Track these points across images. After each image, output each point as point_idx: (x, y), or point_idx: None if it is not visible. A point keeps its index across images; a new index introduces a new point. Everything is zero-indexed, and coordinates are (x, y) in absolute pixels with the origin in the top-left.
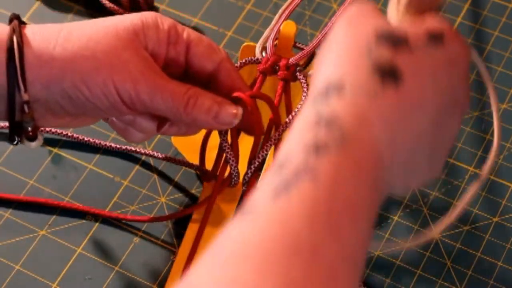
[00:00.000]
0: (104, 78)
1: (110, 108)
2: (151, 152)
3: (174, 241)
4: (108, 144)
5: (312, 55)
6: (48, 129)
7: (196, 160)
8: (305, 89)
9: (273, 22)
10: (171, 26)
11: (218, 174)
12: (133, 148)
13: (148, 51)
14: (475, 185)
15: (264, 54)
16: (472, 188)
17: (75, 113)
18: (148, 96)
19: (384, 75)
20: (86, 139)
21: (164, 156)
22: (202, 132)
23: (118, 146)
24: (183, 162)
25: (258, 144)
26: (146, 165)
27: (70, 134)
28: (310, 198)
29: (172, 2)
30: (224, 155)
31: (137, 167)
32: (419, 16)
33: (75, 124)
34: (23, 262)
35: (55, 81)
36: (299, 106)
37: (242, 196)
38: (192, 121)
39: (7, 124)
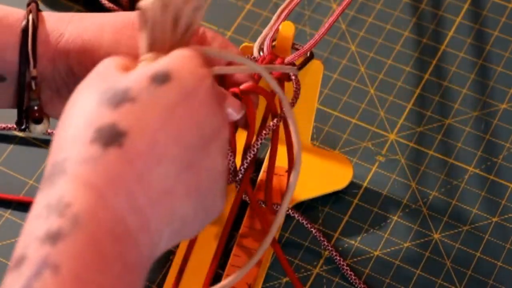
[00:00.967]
0: (106, 52)
1: None
2: None
3: None
4: None
5: (311, 56)
6: (49, 130)
7: None
8: (296, 89)
9: (271, 22)
10: None
11: None
12: None
13: None
14: (293, 175)
15: (261, 54)
16: (292, 177)
17: None
18: None
19: (105, 139)
20: None
21: None
22: None
23: None
24: None
25: (251, 139)
26: None
27: None
28: None
29: None
30: None
31: None
32: (166, 52)
33: None
34: None
35: (61, 56)
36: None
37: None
38: None
39: (7, 125)
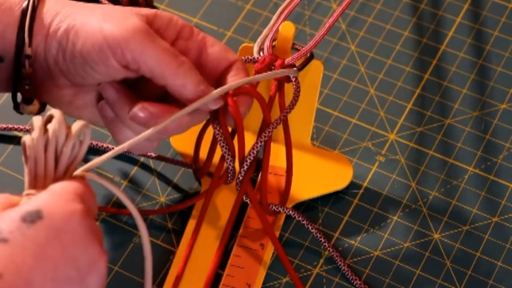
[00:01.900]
0: (93, 27)
1: (97, 63)
2: (149, 154)
3: (174, 241)
4: (105, 145)
5: (311, 56)
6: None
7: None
8: (296, 91)
9: (271, 22)
10: (186, 24)
11: (216, 168)
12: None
13: (153, 29)
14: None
15: (261, 54)
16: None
17: (67, 71)
18: (140, 46)
19: None
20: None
21: (158, 155)
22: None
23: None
24: (181, 163)
25: (243, 142)
26: (145, 165)
27: None
28: None
29: (171, 2)
30: (220, 149)
31: (136, 167)
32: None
33: (74, 105)
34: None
35: (53, 33)
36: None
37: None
38: (180, 86)
39: (7, 126)
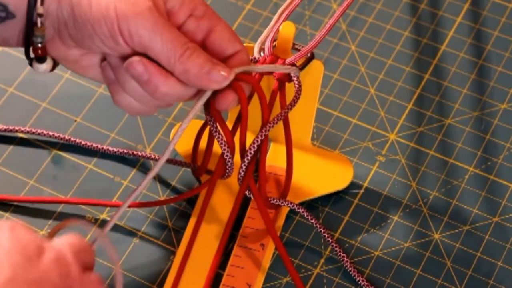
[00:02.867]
0: (107, 3)
1: (107, 37)
2: (149, 154)
3: (174, 241)
4: (105, 148)
5: (312, 56)
6: (48, 131)
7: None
8: (296, 89)
9: (272, 22)
10: (203, 3)
11: (218, 161)
12: (131, 151)
13: (165, 8)
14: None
15: (262, 54)
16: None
17: (76, 37)
18: (149, 33)
19: None
20: (83, 143)
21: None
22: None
23: (116, 150)
24: (181, 163)
25: (245, 134)
26: (145, 165)
27: (68, 138)
28: None
29: None
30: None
31: (137, 167)
32: None
33: (80, 65)
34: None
35: None
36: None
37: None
38: (184, 71)
39: (8, 127)
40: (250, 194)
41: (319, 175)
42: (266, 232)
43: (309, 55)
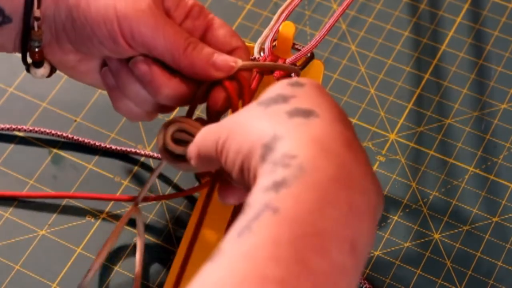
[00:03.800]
0: (107, 3)
1: (107, 38)
2: (150, 153)
3: (174, 241)
4: (108, 146)
5: (311, 56)
6: (48, 130)
7: None
8: None
9: (272, 22)
10: (196, 3)
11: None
12: (132, 150)
13: (163, 7)
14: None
15: (262, 54)
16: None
17: (75, 40)
18: (151, 31)
19: (299, 112)
20: (86, 140)
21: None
22: None
23: (118, 148)
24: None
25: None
26: (146, 165)
27: (70, 136)
28: (273, 230)
29: None
30: None
31: (137, 167)
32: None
33: (78, 70)
34: (23, 262)
35: None
36: None
37: None
38: (190, 65)
39: (6, 126)
40: None
41: None
42: None
43: (309, 55)
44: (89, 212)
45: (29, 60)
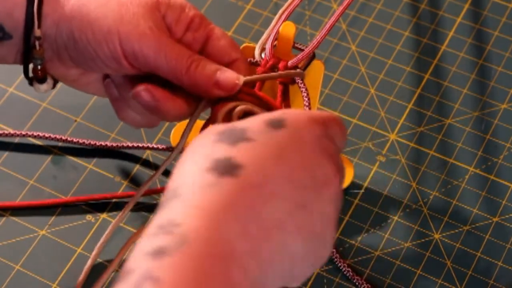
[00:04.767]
0: (109, 25)
1: (110, 59)
2: (151, 145)
3: None
4: (108, 143)
5: (312, 56)
6: (47, 134)
7: None
8: (303, 91)
9: (272, 23)
10: (197, 15)
11: None
12: (134, 144)
13: (164, 23)
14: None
15: (263, 56)
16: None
17: (78, 61)
18: (153, 53)
19: (221, 169)
20: (86, 142)
21: (165, 147)
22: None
23: (120, 145)
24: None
25: None
26: (146, 165)
27: (69, 139)
28: None
29: None
30: None
31: (137, 167)
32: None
33: (80, 82)
34: (23, 262)
35: (65, 19)
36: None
37: None
38: (193, 84)
39: (5, 132)
40: None
41: None
42: None
43: (310, 55)
44: (89, 212)
45: (30, 74)
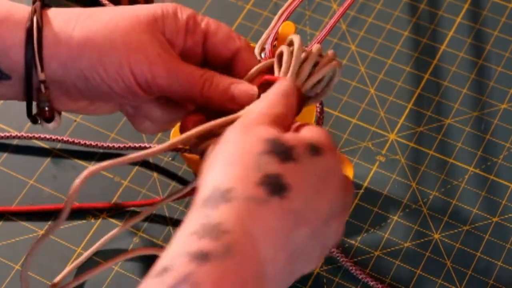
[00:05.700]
0: (120, 59)
1: (125, 91)
2: (151, 145)
3: None
4: (108, 144)
5: None
6: (48, 135)
7: (195, 161)
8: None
9: (272, 23)
10: (190, 16)
11: None
12: (131, 144)
13: (166, 39)
14: None
15: (263, 56)
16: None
17: (90, 96)
18: (165, 80)
19: (271, 187)
20: (86, 142)
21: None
22: None
23: (121, 146)
24: (184, 150)
25: None
26: (146, 164)
27: (69, 140)
28: None
29: (172, 2)
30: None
31: (137, 167)
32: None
33: (91, 110)
34: (23, 262)
35: (72, 60)
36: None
37: None
38: (208, 102)
39: (6, 134)
40: None
41: None
42: None
43: None
44: (89, 212)
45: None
